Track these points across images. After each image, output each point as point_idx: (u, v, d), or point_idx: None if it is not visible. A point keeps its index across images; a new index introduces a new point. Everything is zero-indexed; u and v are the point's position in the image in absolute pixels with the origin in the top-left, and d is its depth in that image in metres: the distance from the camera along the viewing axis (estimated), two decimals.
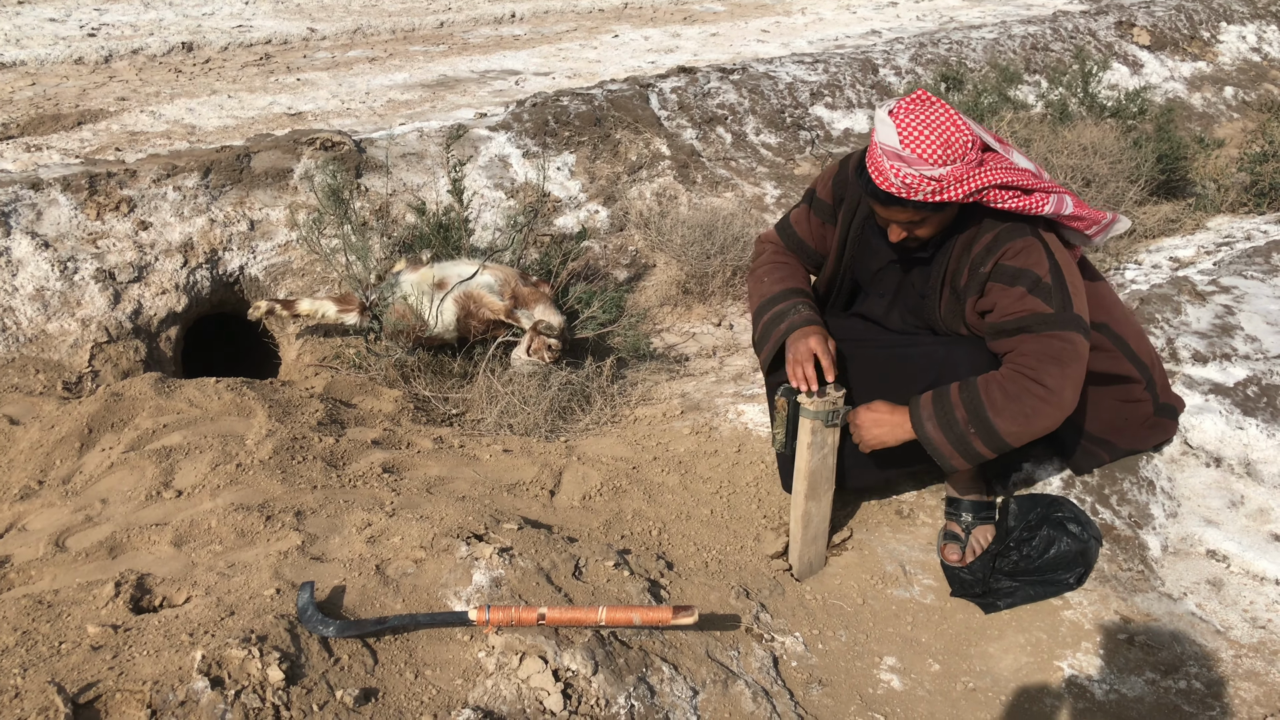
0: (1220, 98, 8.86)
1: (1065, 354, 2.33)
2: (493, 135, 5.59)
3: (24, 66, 7.64)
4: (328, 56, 8.41)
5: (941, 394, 2.44)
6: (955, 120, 2.28)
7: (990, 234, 2.41)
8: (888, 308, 2.69)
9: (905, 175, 2.27)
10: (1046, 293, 2.35)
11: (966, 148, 2.27)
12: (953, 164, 2.26)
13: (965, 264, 2.45)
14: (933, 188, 2.27)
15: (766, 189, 5.96)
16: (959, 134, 2.26)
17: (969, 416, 2.38)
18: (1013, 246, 2.38)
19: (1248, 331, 3.46)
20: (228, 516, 2.55)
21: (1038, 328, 2.34)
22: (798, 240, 2.80)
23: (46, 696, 1.77)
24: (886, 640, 2.57)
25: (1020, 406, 2.34)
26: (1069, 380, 2.33)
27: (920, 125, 2.26)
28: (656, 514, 2.93)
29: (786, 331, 2.63)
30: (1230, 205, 6.18)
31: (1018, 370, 2.35)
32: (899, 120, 2.28)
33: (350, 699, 1.90)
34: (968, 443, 2.40)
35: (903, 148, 2.25)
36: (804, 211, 2.77)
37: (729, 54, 8.34)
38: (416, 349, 4.09)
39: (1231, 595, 2.66)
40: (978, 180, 2.29)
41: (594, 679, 2.09)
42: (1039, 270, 2.35)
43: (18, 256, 4.10)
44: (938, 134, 2.25)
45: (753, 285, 2.83)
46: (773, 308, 2.70)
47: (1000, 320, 2.40)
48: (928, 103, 2.30)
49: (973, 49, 8.30)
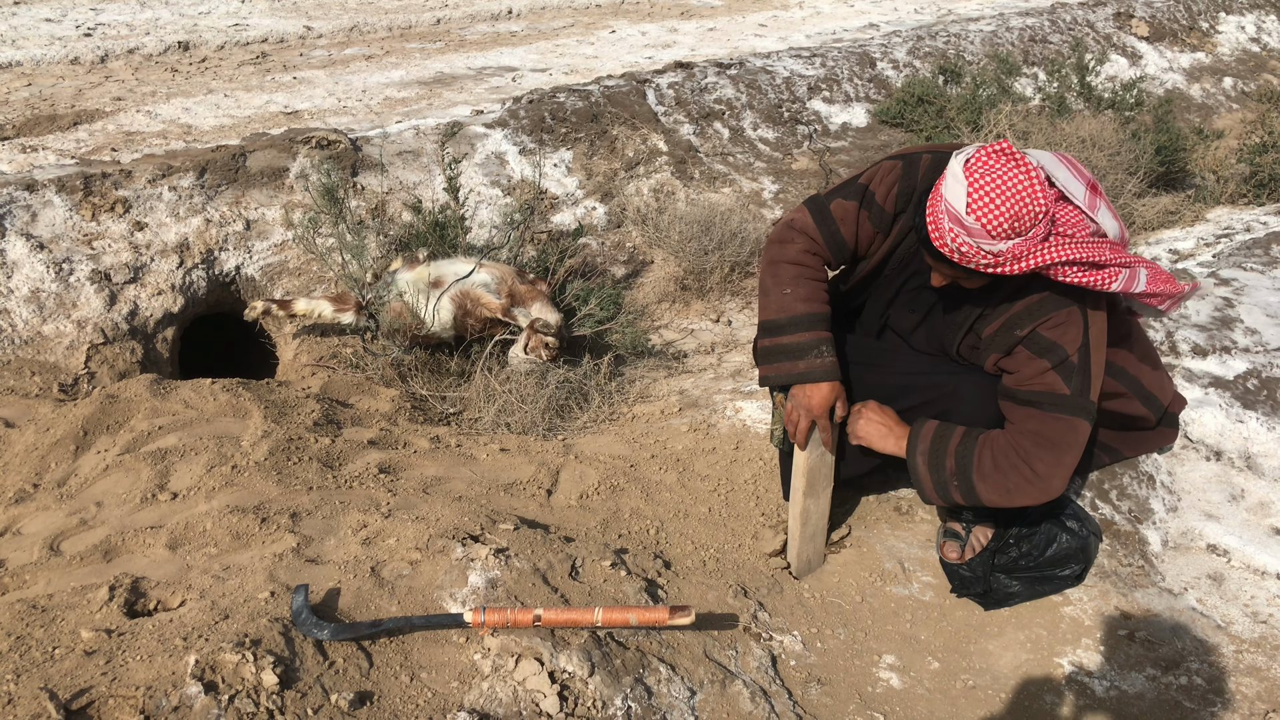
0: (1219, 89, 8.84)
1: (1065, 441, 2.27)
2: (489, 132, 5.57)
3: (19, 67, 7.62)
4: (324, 55, 8.39)
5: (942, 437, 2.40)
6: (1033, 185, 2.07)
7: (1037, 296, 2.28)
8: (916, 325, 2.60)
9: (963, 243, 2.12)
10: (1069, 373, 2.27)
11: (1037, 219, 2.09)
12: (1017, 239, 2.09)
13: (1002, 314, 2.33)
14: (989, 261, 2.12)
15: (764, 184, 5.94)
16: (1033, 204, 2.07)
17: (956, 470, 2.36)
18: (1055, 317, 2.27)
19: (1247, 324, 3.44)
20: (223, 519, 2.54)
21: (1048, 407, 2.28)
22: (839, 238, 2.52)
23: (39, 703, 1.76)
24: (885, 638, 2.56)
25: (1005, 481, 2.31)
26: (1060, 469, 2.28)
27: (993, 191, 2.07)
28: (654, 512, 2.92)
29: (804, 374, 2.47)
30: (1230, 197, 6.16)
31: (1013, 447, 2.30)
32: (972, 179, 2.09)
33: (345, 703, 1.89)
34: (947, 490, 2.39)
35: (967, 214, 2.09)
36: (854, 210, 2.49)
37: (726, 49, 8.32)
38: (413, 348, 4.08)
39: (1232, 590, 2.65)
40: (1039, 257, 2.12)
41: (591, 680, 2.07)
42: (1070, 348, 2.26)
43: (13, 258, 4.09)
44: (1009, 204, 2.07)
45: (772, 281, 2.55)
46: (794, 334, 2.49)
47: (1015, 388, 2.34)
48: (1008, 160, 2.10)
49: (970, 41, 8.27)
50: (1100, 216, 2.22)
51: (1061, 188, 2.19)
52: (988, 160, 2.11)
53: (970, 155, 2.13)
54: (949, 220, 2.13)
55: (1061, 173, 2.21)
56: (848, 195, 2.50)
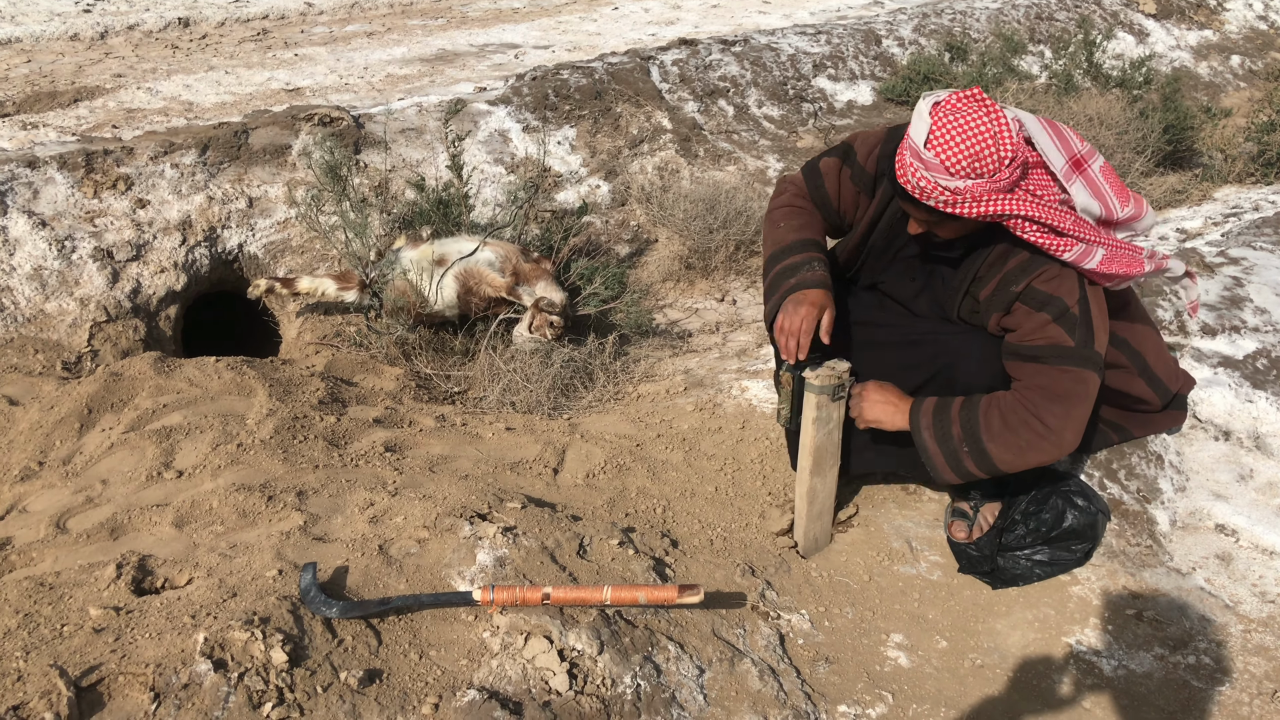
0: (1227, 66, 8.78)
1: (1074, 394, 2.26)
2: (492, 110, 5.53)
3: (19, 43, 7.57)
4: (325, 31, 8.33)
5: (943, 406, 2.40)
6: (998, 131, 2.08)
7: (1027, 253, 2.29)
8: (917, 293, 2.59)
9: (921, 178, 2.14)
10: (1071, 324, 2.26)
11: (999, 164, 2.09)
12: (975, 179, 2.10)
13: (996, 274, 2.34)
14: (947, 198, 2.13)
15: (769, 162, 5.91)
16: (994, 147, 2.08)
17: (964, 435, 2.35)
18: (1048, 270, 2.27)
19: (1257, 303, 3.42)
20: (229, 497, 2.53)
21: (1054, 360, 2.27)
22: (824, 194, 2.60)
23: (49, 679, 1.76)
24: (893, 617, 2.55)
25: (1016, 438, 2.29)
26: (1071, 421, 2.27)
27: (955, 129, 2.09)
28: (661, 492, 2.91)
29: (794, 286, 2.46)
30: (1238, 175, 6.13)
31: (1022, 402, 2.29)
32: (936, 118, 2.11)
33: (354, 680, 1.88)
34: (959, 460, 2.36)
35: (926, 149, 2.11)
36: (836, 166, 2.56)
37: (730, 25, 8.26)
38: (417, 326, 4.07)
39: (1240, 569, 2.64)
40: (999, 205, 2.14)
41: (600, 658, 2.07)
42: (1069, 300, 2.26)
43: (15, 236, 4.07)
44: (969, 143, 2.08)
45: (768, 230, 2.63)
46: (786, 258, 2.53)
47: (1019, 344, 2.33)
48: (978, 104, 2.12)
49: (976, 19, 8.21)
50: (1074, 189, 2.22)
51: (1040, 152, 2.21)
52: (956, 103, 2.13)
53: (942, 97, 2.16)
54: (910, 155, 2.16)
55: (1043, 139, 2.22)
56: (832, 153, 2.59)
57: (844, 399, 2.56)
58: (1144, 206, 2.36)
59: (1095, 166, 2.27)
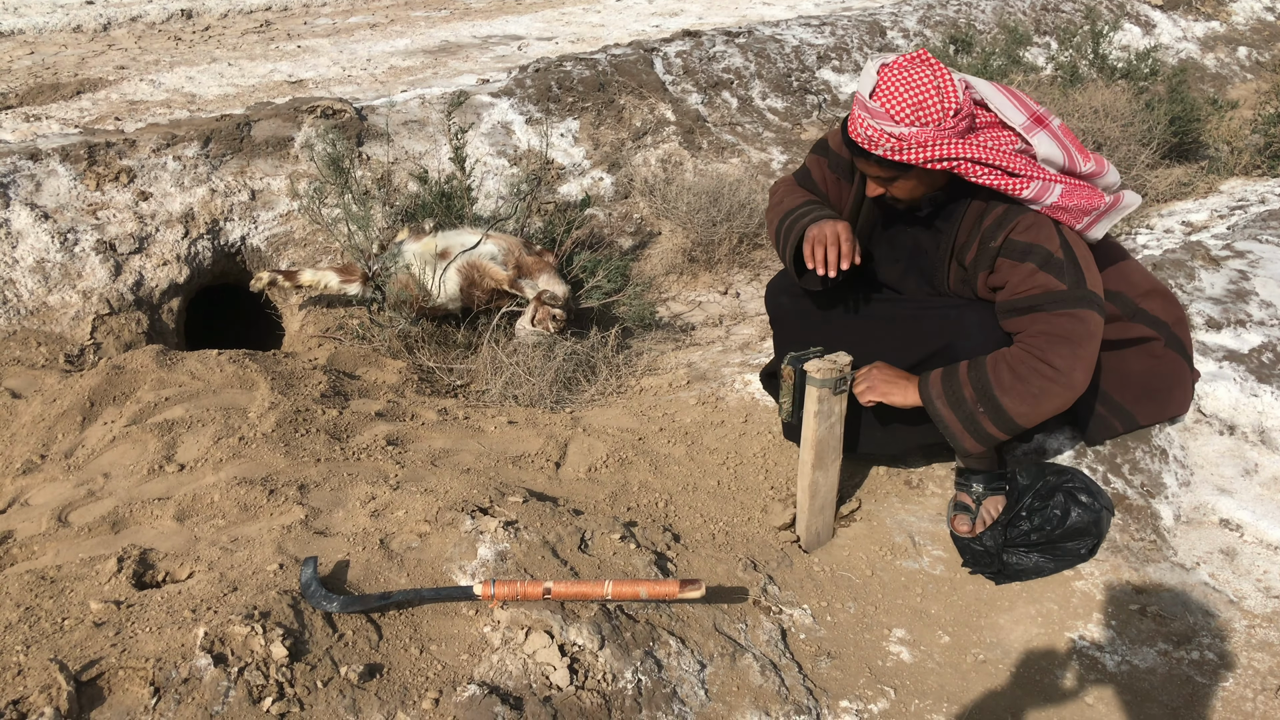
0: (1234, 58, 8.73)
1: (1077, 333, 2.27)
2: (495, 102, 5.52)
3: (22, 35, 7.57)
4: (328, 23, 8.32)
5: (950, 371, 2.41)
6: (941, 85, 2.19)
7: (1000, 208, 2.35)
8: (903, 274, 2.64)
9: (868, 127, 2.23)
10: (1059, 269, 2.29)
11: (942, 113, 2.19)
12: (919, 126, 2.19)
13: (975, 237, 2.39)
14: (892, 145, 2.21)
15: (773, 154, 5.89)
16: (937, 98, 2.18)
17: (977, 395, 2.35)
18: (1023, 220, 2.32)
19: (1263, 297, 3.40)
20: (230, 490, 2.53)
21: (1050, 306, 2.29)
22: (810, 182, 2.72)
23: (49, 674, 1.76)
24: (895, 612, 2.55)
25: (1028, 387, 2.29)
26: (1080, 361, 2.28)
27: (898, 81, 2.20)
28: (663, 486, 2.90)
29: (807, 224, 2.53)
30: (1244, 168, 6.10)
31: (1027, 350, 2.31)
32: (883, 73, 2.23)
33: (355, 675, 1.88)
34: (977, 422, 2.36)
35: (872, 99, 2.22)
36: (817, 161, 2.69)
37: (734, 17, 8.23)
38: (420, 319, 4.06)
39: (1245, 565, 2.63)
40: (946, 149, 2.21)
41: (601, 653, 2.07)
42: (1050, 245, 2.30)
43: (17, 228, 4.07)
44: (911, 92, 2.18)
45: (771, 210, 2.73)
46: (794, 214, 2.61)
47: (1012, 298, 2.35)
48: (922, 62, 2.24)
49: (981, 10, 8.17)
50: (1037, 140, 2.30)
51: (996, 111, 2.31)
52: (903, 61, 2.25)
53: (890, 59, 2.28)
54: (858, 107, 2.26)
55: (999, 100, 2.33)
56: (814, 151, 2.73)
57: (845, 392, 2.55)
58: (1105, 165, 2.43)
59: (1054, 124, 2.36)
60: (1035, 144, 2.30)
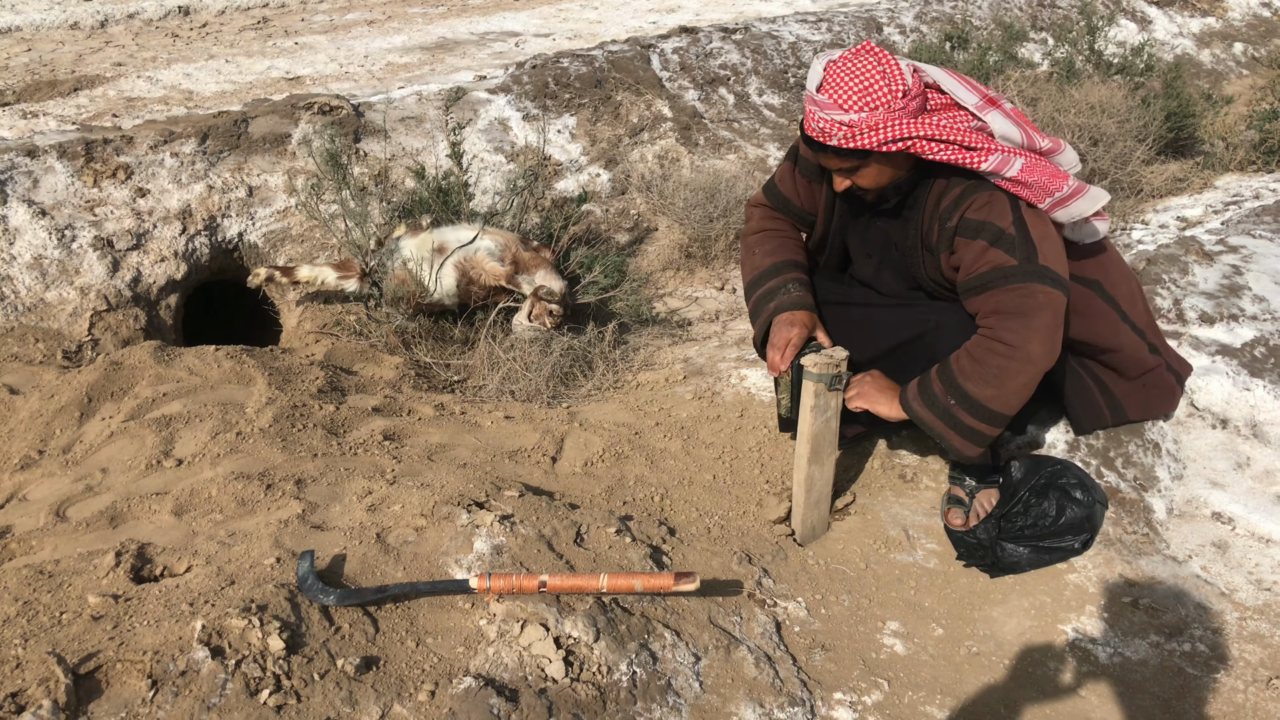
0: (1229, 54, 8.74)
1: (1027, 306, 2.25)
2: (492, 98, 5.52)
3: (19, 32, 7.57)
4: (325, 19, 8.32)
5: (923, 378, 2.43)
6: (886, 70, 2.22)
7: (959, 188, 2.36)
8: (877, 269, 2.66)
9: (819, 119, 2.25)
10: (1010, 245, 2.28)
11: (890, 96, 2.21)
12: (869, 111, 2.21)
13: (936, 221, 2.41)
14: (845, 133, 2.23)
15: (769, 150, 5.90)
16: (882, 82, 2.21)
17: (945, 389, 2.36)
18: (978, 199, 2.33)
19: (1256, 292, 3.42)
20: (228, 485, 2.54)
21: (1000, 282, 2.29)
22: (784, 200, 2.75)
23: (47, 667, 1.77)
24: (889, 605, 2.56)
25: (986, 369, 2.29)
26: (1035, 332, 2.24)
27: (843, 73, 2.23)
28: (658, 480, 2.92)
29: (775, 312, 2.60)
30: (1239, 164, 6.11)
31: (981, 332, 2.32)
32: (829, 68, 2.26)
33: (351, 667, 1.89)
34: (954, 417, 2.36)
35: (818, 92, 2.25)
36: (789, 170, 2.71)
37: (731, 13, 8.23)
38: (417, 315, 4.07)
39: (1237, 558, 2.65)
40: (898, 130, 2.23)
41: (596, 646, 2.08)
42: (1001, 222, 2.29)
43: (15, 225, 4.07)
44: (857, 81, 2.21)
45: (745, 256, 2.79)
46: (763, 284, 2.67)
47: (967, 278, 2.36)
48: (867, 53, 2.26)
49: (978, 6, 8.17)
50: (990, 117, 2.32)
51: (949, 93, 2.33)
52: (848, 54, 2.28)
53: (836, 54, 2.30)
54: (809, 104, 2.29)
55: (950, 83, 2.35)
56: (784, 160, 2.75)
57: (841, 388, 2.56)
58: (1062, 144, 2.44)
59: (1006, 106, 2.37)
60: (990, 121, 2.32)
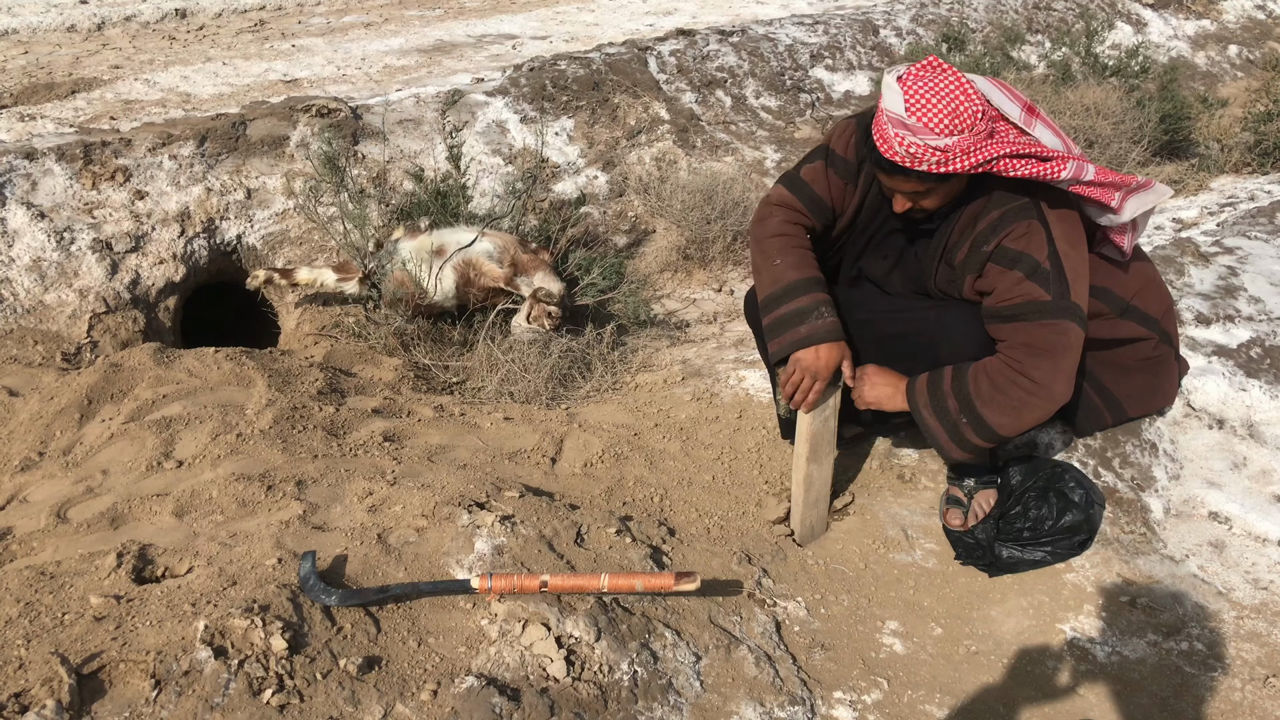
0: (1224, 56, 8.77)
1: (1058, 346, 2.28)
2: (490, 101, 5.53)
3: (16, 35, 7.57)
4: (322, 22, 8.32)
5: (936, 379, 2.43)
6: (965, 89, 2.20)
7: (997, 212, 2.34)
8: (889, 270, 2.65)
9: (910, 144, 2.20)
10: (1045, 279, 2.29)
11: (975, 118, 2.20)
12: (960, 134, 2.18)
13: (967, 239, 2.39)
14: (938, 158, 2.20)
15: (767, 152, 5.91)
16: (968, 103, 2.19)
17: (960, 406, 2.37)
18: (1017, 228, 2.31)
19: (1251, 293, 3.44)
20: (229, 486, 2.54)
21: (1032, 316, 2.30)
22: (815, 198, 2.61)
23: (50, 667, 1.78)
24: (888, 604, 2.57)
25: (1008, 399, 2.31)
26: (1060, 374, 2.29)
27: (928, 93, 2.19)
28: (658, 481, 2.93)
29: (806, 337, 2.49)
30: (1234, 165, 6.14)
31: (1007, 362, 2.32)
32: (906, 87, 2.21)
33: (354, 667, 1.90)
34: (960, 432, 2.39)
35: (908, 115, 2.19)
36: (820, 169, 2.60)
37: (728, 16, 8.25)
38: (416, 317, 4.08)
39: (1233, 557, 2.66)
40: (986, 152, 2.21)
41: (597, 645, 2.09)
42: (1038, 255, 2.30)
43: (14, 227, 4.08)
44: (945, 102, 2.18)
45: (761, 259, 2.62)
46: (792, 301, 2.52)
47: (997, 305, 2.36)
48: (937, 69, 2.23)
49: (974, 9, 8.20)
50: (1036, 131, 2.31)
51: (998, 108, 2.30)
52: (919, 71, 2.23)
53: (902, 71, 2.26)
54: (893, 127, 2.22)
55: (996, 94, 2.32)
56: (813, 159, 2.64)
57: (839, 387, 2.57)
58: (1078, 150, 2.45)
59: (1042, 111, 2.37)
60: (1037, 135, 2.31)
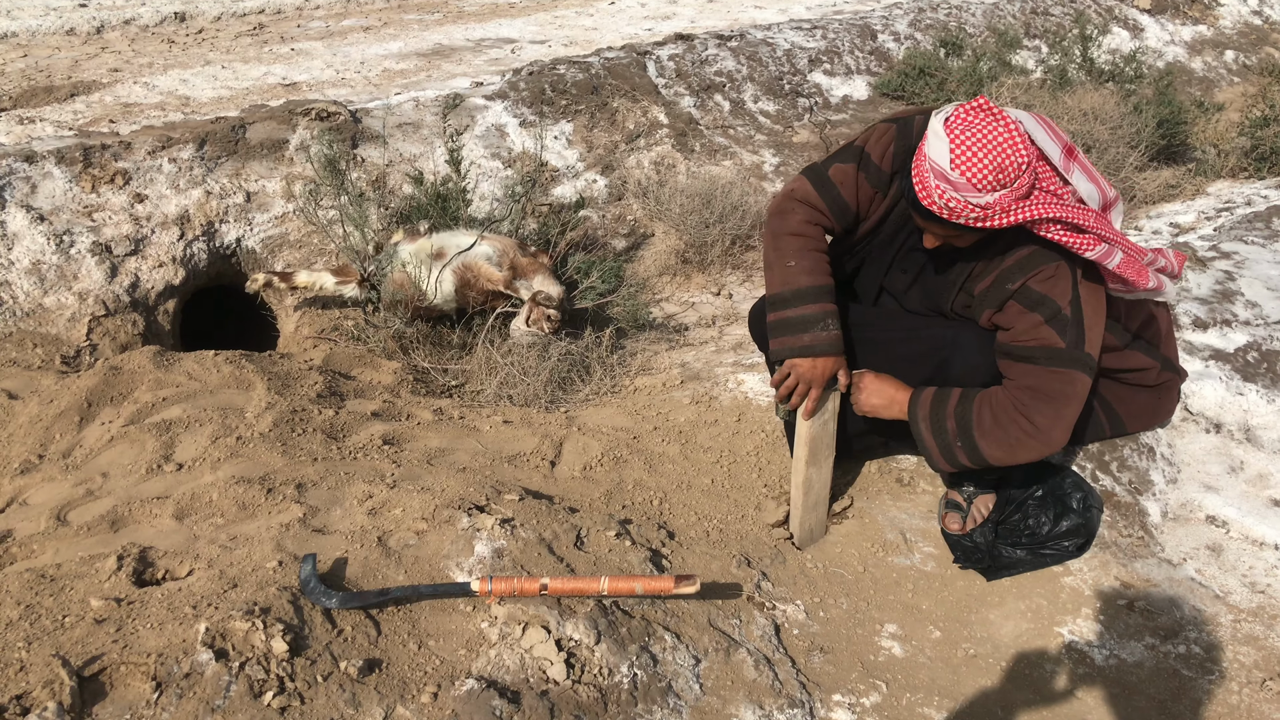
0: (1221, 61, 8.80)
1: (1063, 395, 2.29)
2: (489, 104, 5.54)
3: (15, 38, 7.57)
4: (321, 26, 8.33)
5: (940, 400, 2.43)
6: (1013, 139, 2.11)
7: (1026, 250, 2.31)
8: (908, 286, 2.62)
9: (950, 199, 2.14)
10: (1063, 326, 2.28)
11: (1020, 171, 2.11)
12: (1003, 189, 2.11)
13: (994, 270, 2.35)
14: (977, 214, 2.14)
15: (765, 157, 5.92)
16: (1015, 156, 2.10)
17: (958, 430, 2.38)
18: (1044, 270, 2.28)
19: (1248, 297, 3.45)
20: (229, 489, 2.55)
21: (1044, 361, 2.29)
22: (841, 201, 2.53)
23: (51, 669, 1.78)
24: (887, 608, 2.58)
25: (1006, 436, 2.33)
26: (1060, 421, 2.30)
27: (974, 144, 2.10)
28: (657, 484, 2.93)
29: (808, 346, 2.48)
30: (1231, 170, 6.15)
31: (1013, 401, 2.32)
32: (953, 135, 2.12)
33: (354, 670, 1.91)
34: (952, 452, 2.41)
35: (952, 169, 2.11)
36: (851, 171, 2.51)
37: (726, 20, 8.27)
38: (415, 320, 4.08)
39: (1231, 560, 2.67)
40: (1027, 212, 2.15)
41: (597, 648, 2.09)
42: (1061, 300, 2.28)
43: (13, 230, 4.08)
44: (992, 156, 2.09)
45: (775, 255, 2.56)
46: (800, 306, 2.50)
47: (1011, 344, 2.35)
48: (987, 115, 2.13)
49: (972, 14, 8.22)
50: (1075, 179, 2.26)
51: (1040, 148, 2.23)
52: (967, 116, 2.14)
53: (950, 113, 2.16)
54: (934, 177, 2.15)
55: (1040, 134, 2.25)
56: (845, 159, 2.54)
57: (838, 390, 2.58)
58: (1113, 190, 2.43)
59: (1080, 154, 2.32)
60: (1075, 184, 2.25)
